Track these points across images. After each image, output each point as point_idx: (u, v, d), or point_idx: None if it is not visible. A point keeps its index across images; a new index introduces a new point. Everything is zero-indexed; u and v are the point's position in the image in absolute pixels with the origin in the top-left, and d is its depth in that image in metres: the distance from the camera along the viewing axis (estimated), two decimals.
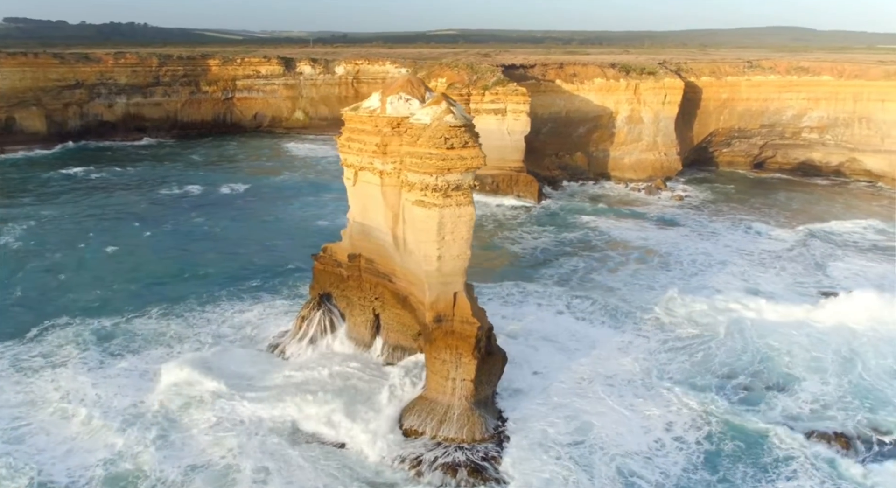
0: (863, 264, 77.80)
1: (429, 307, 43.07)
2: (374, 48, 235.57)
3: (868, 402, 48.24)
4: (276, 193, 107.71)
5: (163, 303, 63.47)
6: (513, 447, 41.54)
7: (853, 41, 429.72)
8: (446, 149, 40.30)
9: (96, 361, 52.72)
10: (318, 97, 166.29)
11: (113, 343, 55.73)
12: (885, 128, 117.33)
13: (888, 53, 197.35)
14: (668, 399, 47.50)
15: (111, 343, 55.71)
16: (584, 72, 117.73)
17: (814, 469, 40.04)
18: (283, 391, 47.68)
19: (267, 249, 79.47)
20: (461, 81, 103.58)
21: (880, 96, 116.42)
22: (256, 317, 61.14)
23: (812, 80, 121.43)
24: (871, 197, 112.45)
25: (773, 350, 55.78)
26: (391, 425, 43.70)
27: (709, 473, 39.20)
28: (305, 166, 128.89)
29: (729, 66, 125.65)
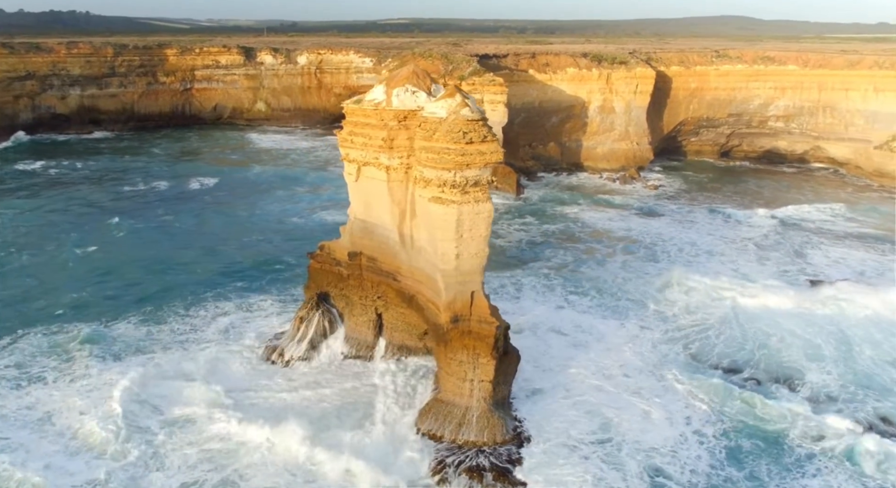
0: (842, 252, 79.00)
1: (445, 307, 41.72)
2: (331, 37, 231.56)
3: (872, 392, 48.57)
4: (248, 188, 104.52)
5: (144, 307, 60.63)
6: (536, 448, 40.58)
7: (796, 31, 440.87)
8: (465, 143, 38.91)
9: (76, 371, 49.55)
10: (281, 88, 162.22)
11: (93, 351, 52.47)
12: (848, 116, 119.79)
13: (839, 43, 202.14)
14: (680, 391, 47.24)
15: (91, 351, 52.42)
16: (557, 62, 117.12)
17: (834, 463, 39.97)
18: (285, 411, 44.50)
19: (248, 247, 76.82)
20: (436, 71, 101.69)
21: (844, 85, 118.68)
22: (246, 320, 58.74)
23: (778, 69, 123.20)
24: (837, 184, 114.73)
25: (770, 339, 56.04)
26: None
27: (735, 469, 38.87)
28: (273, 159, 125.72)
29: (697, 56, 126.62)
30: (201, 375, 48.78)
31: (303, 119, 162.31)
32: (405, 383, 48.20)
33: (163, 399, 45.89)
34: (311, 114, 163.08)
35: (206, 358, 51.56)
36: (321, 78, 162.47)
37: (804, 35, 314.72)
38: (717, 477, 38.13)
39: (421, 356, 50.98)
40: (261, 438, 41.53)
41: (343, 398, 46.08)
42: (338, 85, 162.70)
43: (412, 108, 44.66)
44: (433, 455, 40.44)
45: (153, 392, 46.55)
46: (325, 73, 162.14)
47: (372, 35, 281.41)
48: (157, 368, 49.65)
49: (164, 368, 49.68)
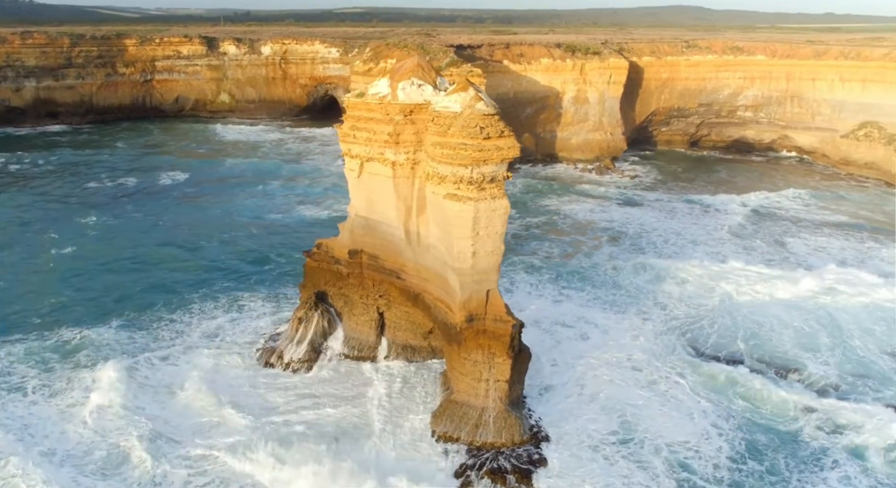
0: (821, 240, 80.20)
1: (460, 306, 40.71)
2: (293, 27, 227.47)
3: (871, 381, 49.11)
4: (221, 182, 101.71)
5: (126, 310, 58.06)
6: (556, 448, 39.97)
7: (746, 20, 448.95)
8: (482, 139, 37.89)
9: (56, 383, 46.93)
10: (245, 79, 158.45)
11: (76, 360, 49.93)
12: (815, 105, 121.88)
13: (793, 33, 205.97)
14: (691, 385, 47.14)
15: (74, 361, 49.91)
16: (531, 52, 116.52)
17: (847, 456, 40.23)
18: (303, 435, 41.77)
19: (230, 245, 74.57)
20: None
21: (811, 75, 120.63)
22: (235, 321, 56.66)
23: (747, 59, 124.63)
24: (805, 172, 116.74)
25: (766, 329, 56.46)
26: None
27: (756, 463, 38.83)
28: (242, 152, 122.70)
29: (668, 46, 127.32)
30: (199, 386, 46.37)
31: (268, 110, 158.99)
32: (412, 386, 47.06)
33: (151, 417, 43.07)
34: (277, 105, 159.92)
35: (201, 365, 49.29)
36: (286, 68, 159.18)
37: (758, 25, 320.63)
38: (739, 472, 38.05)
39: (425, 355, 50.00)
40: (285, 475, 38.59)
41: (356, 406, 44.63)
42: (303, 76, 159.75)
43: (419, 101, 43.46)
44: (453, 458, 39.52)
45: (147, 408, 43.97)
46: (291, 64, 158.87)
47: (330, 24, 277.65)
48: (145, 379, 47.36)
49: (155, 379, 47.47)
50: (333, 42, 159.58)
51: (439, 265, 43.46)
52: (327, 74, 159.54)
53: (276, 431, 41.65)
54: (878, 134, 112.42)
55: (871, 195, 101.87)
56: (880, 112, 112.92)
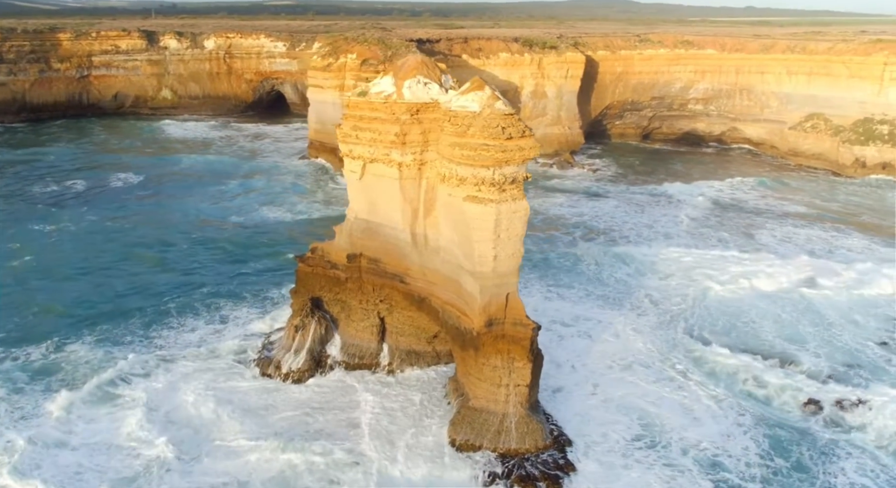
0: (787, 230, 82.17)
1: (480, 311, 39.62)
2: (223, 20, 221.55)
3: (863, 371, 49.86)
4: (176, 184, 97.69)
5: (99, 324, 54.69)
6: (583, 454, 39.35)
7: (671, 13, 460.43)
8: (505, 139, 36.85)
9: (30, 406, 43.68)
10: (187, 74, 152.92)
11: (48, 380, 46.67)
12: (763, 98, 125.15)
13: (718, 26, 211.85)
14: (700, 380, 47.41)
15: (46, 380, 46.59)
16: (489, 46, 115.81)
17: (858, 447, 40.87)
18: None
19: (200, 248, 71.55)
20: (375, 57, 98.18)
21: (760, 68, 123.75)
22: (219, 332, 54.06)
23: (698, 53, 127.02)
24: (756, 163, 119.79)
25: (752, 321, 57.27)
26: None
27: (783, 459, 39.09)
28: (192, 150, 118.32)
29: (621, 40, 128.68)
30: (197, 406, 43.66)
31: (213, 107, 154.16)
32: (421, 394, 45.75)
33: (142, 437, 40.32)
34: (222, 101, 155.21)
35: (190, 381, 46.50)
36: (231, 63, 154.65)
37: (690, 18, 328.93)
38: (768, 469, 38.18)
39: (429, 360, 48.80)
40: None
41: (368, 418, 43.00)
42: (249, 71, 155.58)
43: (425, 100, 42.20)
44: (478, 467, 38.51)
45: (126, 432, 40.93)
46: (235, 59, 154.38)
47: (265, 17, 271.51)
48: (130, 402, 44.16)
49: (141, 400, 44.09)
50: (279, 36, 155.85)
51: (451, 268, 42.28)
52: (274, 69, 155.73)
53: (290, 454, 39.62)
54: (824, 125, 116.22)
55: (822, 185, 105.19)
56: (826, 104, 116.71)
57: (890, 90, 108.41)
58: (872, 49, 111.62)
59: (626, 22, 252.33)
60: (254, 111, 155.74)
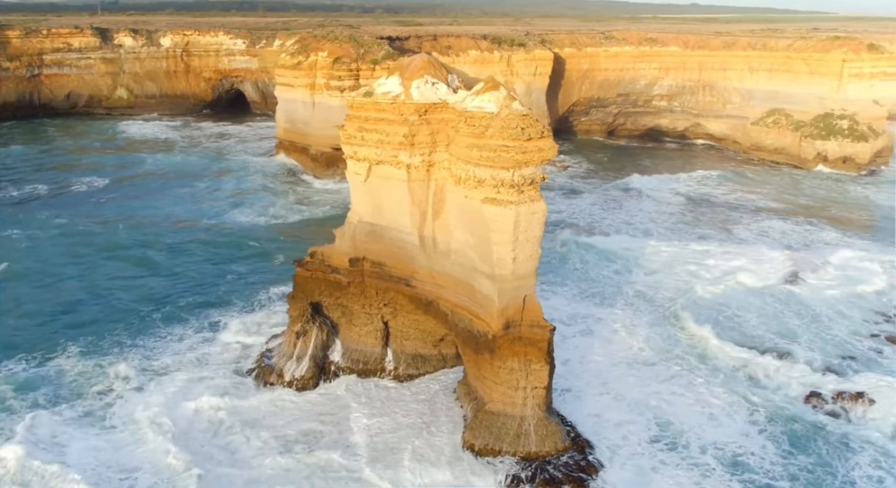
0: (762, 225, 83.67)
1: (498, 314, 39.13)
2: (174, 17, 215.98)
3: (857, 364, 50.62)
4: (143, 186, 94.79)
5: (83, 336, 52.41)
6: (607, 457, 39.13)
7: (616, 10, 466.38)
8: (524, 140, 36.38)
9: (18, 424, 41.20)
10: (143, 72, 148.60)
11: (34, 395, 44.46)
12: (726, 94, 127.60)
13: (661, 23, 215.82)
14: (707, 376, 47.82)
15: (32, 396, 44.39)
16: (459, 44, 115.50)
17: (875, 448, 41.37)
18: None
19: (180, 254, 69.35)
20: (347, 55, 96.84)
21: (722, 65, 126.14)
22: (208, 340, 52.31)
23: (662, 50, 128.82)
24: (721, 158, 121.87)
25: (742, 316, 57.96)
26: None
27: (804, 455, 39.44)
28: (155, 151, 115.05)
29: (587, 37, 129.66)
30: (211, 425, 41.97)
31: (170, 106, 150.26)
32: (430, 400, 45.14)
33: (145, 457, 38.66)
34: (180, 100, 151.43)
35: (189, 396, 44.61)
36: (188, 61, 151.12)
37: (642, 15, 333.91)
38: (793, 466, 38.46)
39: (435, 364, 48.17)
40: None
41: (381, 426, 42.17)
42: (207, 69, 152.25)
43: (434, 100, 41.54)
44: (500, 471, 38.09)
45: (138, 461, 38.72)
46: (193, 56, 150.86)
47: (214, 14, 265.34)
48: (132, 421, 42.02)
49: (149, 421, 41.95)
50: (239, 33, 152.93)
51: (463, 271, 41.69)
52: (233, 67, 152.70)
53: (309, 465, 38.65)
54: (785, 121, 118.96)
55: (786, 179, 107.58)
56: (787, 100, 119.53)
57: (849, 86, 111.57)
58: (831, 46, 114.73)
59: (580, 19, 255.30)
60: (213, 110, 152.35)
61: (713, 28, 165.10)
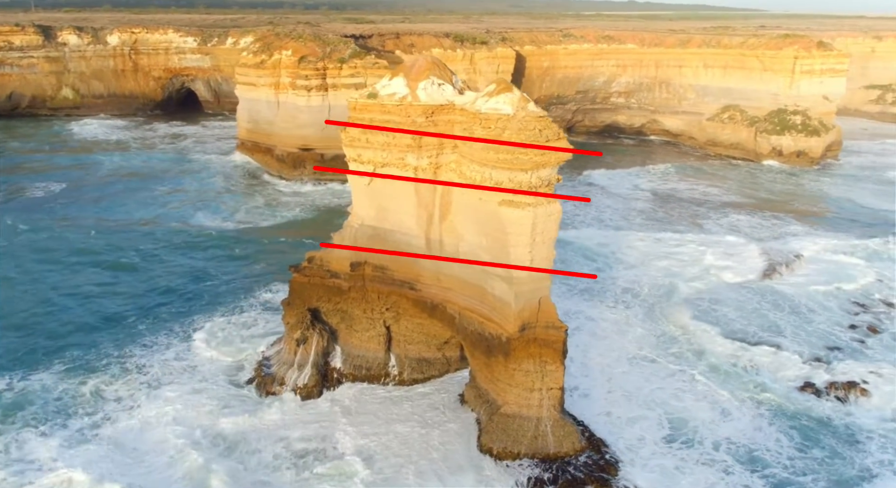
0: (731, 219, 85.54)
1: (515, 316, 38.94)
2: (121, 14, 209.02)
3: (842, 354, 51.94)
4: (104, 190, 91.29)
5: (65, 350, 50.01)
6: (628, 458, 39.32)
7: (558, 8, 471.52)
8: (543, 141, 36.25)
9: (14, 450, 39.36)
10: (90, 72, 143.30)
11: (23, 416, 42.14)
12: (681, 91, 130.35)
13: (615, 20, 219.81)
14: (704, 370, 48.66)
15: (21, 416, 42.06)
16: (421, 42, 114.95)
17: (879, 434, 42.56)
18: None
19: (155, 261, 67.02)
20: (314, 54, 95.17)
21: (678, 62, 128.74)
22: (203, 351, 50.73)
23: (619, 48, 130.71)
24: (679, 153, 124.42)
25: (729, 310, 59.12)
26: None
27: (818, 449, 40.28)
28: (109, 153, 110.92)
29: (546, 35, 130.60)
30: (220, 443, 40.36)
31: (119, 106, 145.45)
32: (439, 405, 44.74)
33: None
34: (129, 100, 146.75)
35: (196, 411, 42.94)
36: (137, 60, 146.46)
37: (586, 12, 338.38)
38: (809, 460, 39.25)
39: (440, 367, 47.78)
40: None
41: (394, 434, 41.56)
42: (157, 67, 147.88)
43: (441, 102, 41.08)
44: (522, 474, 37.97)
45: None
46: (142, 55, 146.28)
47: (153, 11, 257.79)
48: (133, 441, 40.46)
49: (136, 440, 40.48)
50: (189, 31, 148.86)
51: (473, 274, 41.33)
52: (184, 66, 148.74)
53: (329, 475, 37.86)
54: (740, 116, 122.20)
55: (743, 173, 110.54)
56: (741, 96, 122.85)
57: (801, 83, 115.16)
58: (783, 43, 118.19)
59: (527, 16, 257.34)
60: (163, 110, 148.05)
61: (654, 26, 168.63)
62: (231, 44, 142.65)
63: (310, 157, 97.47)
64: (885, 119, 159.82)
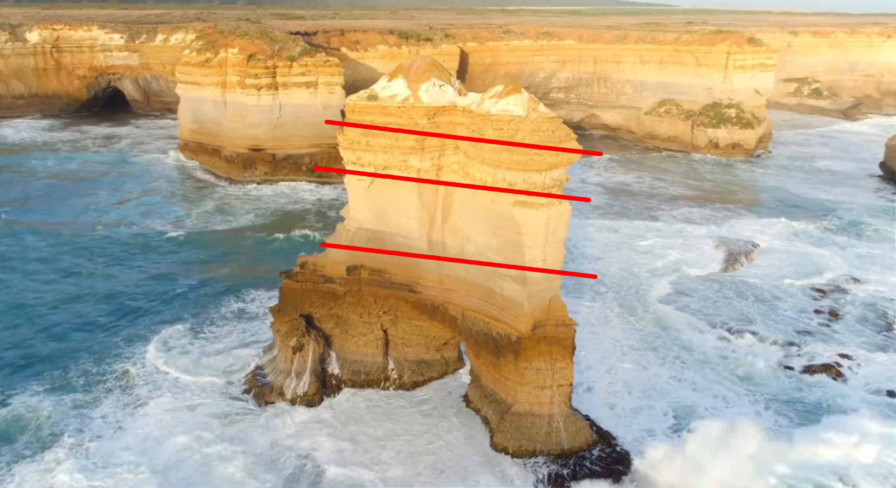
0: (683, 211, 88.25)
1: (528, 316, 39.22)
2: (27, 8, 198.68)
3: (814, 338, 54.61)
4: (42, 197, 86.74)
5: (43, 370, 47.68)
6: (630, 444, 40.37)
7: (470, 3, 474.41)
8: (556, 142, 36.62)
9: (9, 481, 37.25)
10: (9, 71, 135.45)
11: (11, 447, 39.87)
12: (619, 86, 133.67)
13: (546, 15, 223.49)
14: (693, 362, 50.30)
15: (10, 448, 39.83)
16: (367, 39, 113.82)
17: (866, 405, 45.22)
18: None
19: (111, 269, 64.56)
20: (262, 52, 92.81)
21: (615, 58, 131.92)
22: (187, 361, 49.03)
23: (559, 44, 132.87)
24: (621, 147, 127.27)
25: (698, 303, 61.12)
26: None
27: (821, 430, 41.64)
28: (39, 157, 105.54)
29: (487, 32, 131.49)
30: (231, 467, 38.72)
31: (41, 107, 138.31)
32: (446, 406, 44.75)
33: None
34: (52, 100, 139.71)
35: (198, 431, 41.32)
36: (59, 58, 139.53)
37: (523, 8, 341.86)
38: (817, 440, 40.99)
39: (439, 369, 47.71)
40: None
41: (412, 442, 41.33)
42: (81, 66, 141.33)
43: (443, 103, 40.96)
44: (540, 471, 38.40)
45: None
46: (65, 53, 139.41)
47: (66, 6, 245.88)
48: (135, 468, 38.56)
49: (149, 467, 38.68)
50: (115, 27, 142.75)
51: (480, 275, 41.37)
52: (110, 64, 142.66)
53: None
54: (676, 110, 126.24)
55: (684, 165, 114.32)
56: (676, 91, 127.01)
57: (734, 77, 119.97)
58: (716, 39, 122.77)
59: (454, 11, 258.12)
60: (89, 111, 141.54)
61: (570, 20, 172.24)
62: (161, 40, 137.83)
63: (260, 158, 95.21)
64: (802, 110, 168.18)
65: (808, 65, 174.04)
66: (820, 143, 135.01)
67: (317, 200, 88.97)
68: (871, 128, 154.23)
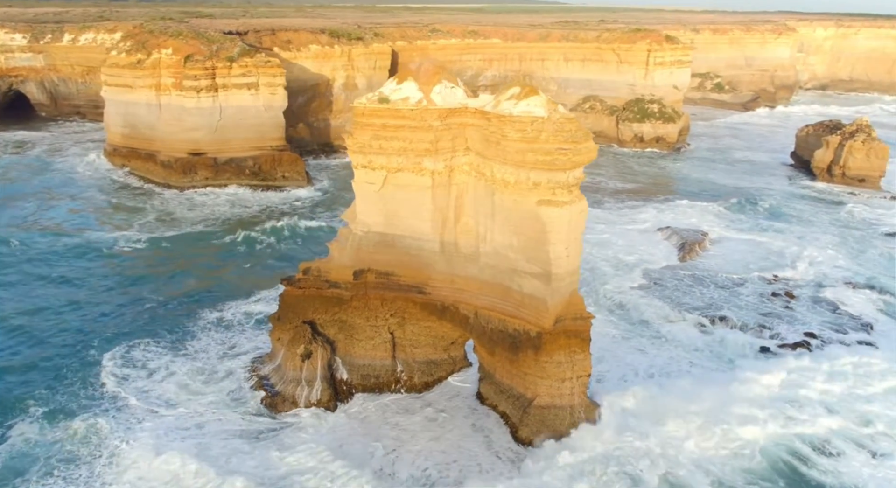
0: (628, 204, 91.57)
1: (551, 312, 40.22)
2: None
3: (779, 319, 58.30)
4: None
5: (37, 388, 45.39)
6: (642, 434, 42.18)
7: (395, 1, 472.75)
8: (577, 142, 37.79)
9: None
10: None
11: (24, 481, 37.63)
12: (544, 83, 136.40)
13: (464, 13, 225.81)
14: (682, 347, 52.98)
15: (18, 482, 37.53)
16: (298, 38, 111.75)
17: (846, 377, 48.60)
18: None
19: (67, 287, 61.31)
20: (199, 53, 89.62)
21: (540, 56, 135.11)
22: (169, 379, 47.24)
23: (485, 43, 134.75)
24: None
25: (664, 293, 64.10)
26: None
27: (826, 411, 44.94)
28: None
29: (414, 30, 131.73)
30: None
31: None
32: (459, 408, 45.29)
33: None
34: None
35: (211, 451, 39.83)
36: None
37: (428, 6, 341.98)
38: (811, 407, 44.66)
39: (447, 368, 48.13)
40: None
41: (439, 445, 41.57)
42: None
43: (455, 105, 41.46)
44: (567, 459, 39.56)
45: None
46: None
47: None
48: None
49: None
50: (17, 27, 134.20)
51: (497, 274, 42.02)
52: (12, 65, 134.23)
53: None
54: (600, 106, 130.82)
55: (611, 159, 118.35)
56: (599, 87, 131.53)
57: (655, 74, 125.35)
58: (636, 37, 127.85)
59: (365, 10, 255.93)
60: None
61: (487, 19, 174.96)
62: (69, 40, 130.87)
63: (200, 163, 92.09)
64: (706, 104, 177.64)
65: (709, 61, 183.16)
66: (730, 135, 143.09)
67: (265, 205, 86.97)
68: (770, 118, 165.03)
